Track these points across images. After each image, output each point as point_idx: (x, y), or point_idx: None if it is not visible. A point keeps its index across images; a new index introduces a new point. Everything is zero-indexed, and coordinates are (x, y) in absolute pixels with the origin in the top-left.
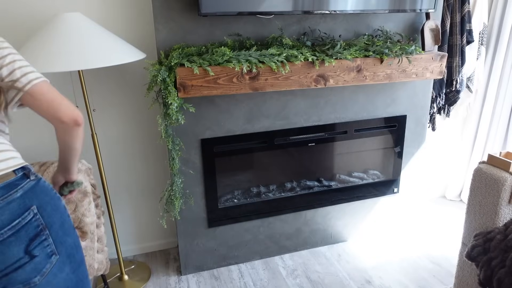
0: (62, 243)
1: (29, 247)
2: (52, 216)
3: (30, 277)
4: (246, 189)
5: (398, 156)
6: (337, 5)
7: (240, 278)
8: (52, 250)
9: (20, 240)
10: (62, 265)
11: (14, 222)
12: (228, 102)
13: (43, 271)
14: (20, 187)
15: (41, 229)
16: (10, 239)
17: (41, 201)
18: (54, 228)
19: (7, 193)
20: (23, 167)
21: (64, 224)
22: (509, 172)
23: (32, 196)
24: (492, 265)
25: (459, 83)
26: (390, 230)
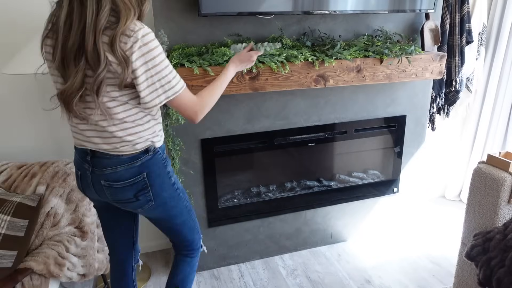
0: (158, 195)
1: (136, 194)
2: (155, 180)
3: (135, 208)
4: (246, 189)
5: (397, 156)
6: (337, 6)
7: (240, 278)
8: (150, 199)
9: (132, 189)
10: (155, 207)
11: (131, 179)
12: (228, 102)
13: (143, 207)
14: (139, 159)
15: (146, 186)
16: (127, 187)
17: (150, 170)
18: (155, 187)
19: (130, 161)
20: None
21: (163, 184)
22: (509, 172)
23: (146, 166)
24: (491, 265)
25: (459, 83)
26: (390, 230)
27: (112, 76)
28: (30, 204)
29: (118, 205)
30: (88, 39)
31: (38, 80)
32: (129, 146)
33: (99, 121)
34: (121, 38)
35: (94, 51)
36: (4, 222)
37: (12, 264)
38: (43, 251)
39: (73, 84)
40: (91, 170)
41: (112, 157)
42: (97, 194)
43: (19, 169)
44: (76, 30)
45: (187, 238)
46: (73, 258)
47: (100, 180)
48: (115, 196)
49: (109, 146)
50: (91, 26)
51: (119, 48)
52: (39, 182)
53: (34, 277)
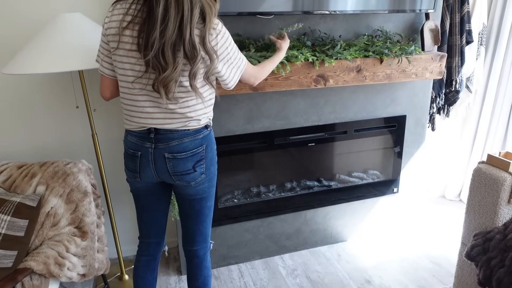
0: (209, 168)
1: (195, 165)
2: (209, 153)
3: (190, 181)
4: (246, 189)
5: (397, 156)
6: (337, 6)
7: (240, 278)
8: (203, 171)
9: (192, 160)
10: (204, 181)
11: (194, 150)
12: (228, 102)
13: (196, 180)
14: (202, 132)
15: (202, 158)
16: (189, 158)
17: (208, 143)
18: (208, 160)
19: (195, 134)
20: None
21: (212, 159)
22: (509, 172)
23: (206, 139)
24: (491, 265)
25: (459, 83)
26: (390, 230)
27: (202, 66)
28: (30, 204)
29: (175, 178)
30: (186, 31)
31: (38, 80)
32: (196, 122)
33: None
34: (209, 32)
35: (190, 43)
36: (4, 222)
37: (12, 264)
38: (43, 251)
39: (176, 71)
40: (154, 147)
41: (179, 131)
42: (155, 172)
43: (19, 169)
44: (174, 23)
45: (206, 229)
46: (73, 258)
47: (164, 154)
48: (177, 167)
49: (180, 124)
50: (188, 20)
51: (208, 42)
52: (39, 182)
53: (34, 277)
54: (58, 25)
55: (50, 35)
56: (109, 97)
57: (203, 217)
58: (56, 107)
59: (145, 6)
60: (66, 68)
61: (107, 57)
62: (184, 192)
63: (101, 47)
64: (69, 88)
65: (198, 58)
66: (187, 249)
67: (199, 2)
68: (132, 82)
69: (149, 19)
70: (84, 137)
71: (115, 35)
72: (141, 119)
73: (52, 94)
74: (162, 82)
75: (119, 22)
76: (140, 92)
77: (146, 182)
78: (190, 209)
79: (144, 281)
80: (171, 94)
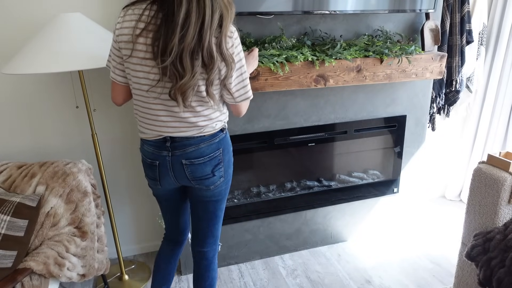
0: (226, 171)
1: (213, 169)
2: (226, 155)
3: (209, 185)
4: (246, 189)
5: (398, 156)
6: (337, 5)
7: (240, 278)
8: (222, 175)
9: (211, 164)
10: (223, 184)
11: (211, 154)
12: None
13: (215, 184)
14: (218, 136)
15: (220, 161)
16: (206, 162)
17: (224, 146)
18: (225, 163)
19: (211, 138)
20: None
21: (229, 161)
22: (509, 172)
23: (222, 142)
24: (491, 265)
25: (459, 83)
26: (390, 230)
27: (220, 73)
28: (30, 204)
29: (195, 183)
30: (205, 36)
31: (38, 80)
32: (211, 128)
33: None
34: (226, 39)
35: (208, 50)
36: (4, 222)
37: (11, 264)
38: (43, 251)
39: (194, 78)
40: (171, 155)
41: (196, 138)
42: (175, 178)
43: (19, 169)
44: (194, 28)
45: (217, 231)
46: (73, 258)
47: (181, 160)
48: (195, 173)
49: (195, 132)
50: (209, 25)
51: (225, 49)
52: (38, 182)
53: (34, 277)
54: (58, 25)
55: (50, 35)
56: (122, 103)
57: (216, 219)
58: (56, 107)
59: (160, 12)
60: (66, 68)
61: (119, 65)
62: (201, 194)
63: (112, 53)
64: (69, 88)
65: (215, 66)
66: (197, 250)
67: (219, 7)
68: (147, 91)
69: (166, 25)
70: (84, 137)
71: (127, 42)
72: (156, 127)
73: (52, 94)
74: (179, 90)
75: (131, 29)
76: (155, 101)
77: (167, 188)
78: (204, 211)
79: (160, 270)
80: (188, 102)
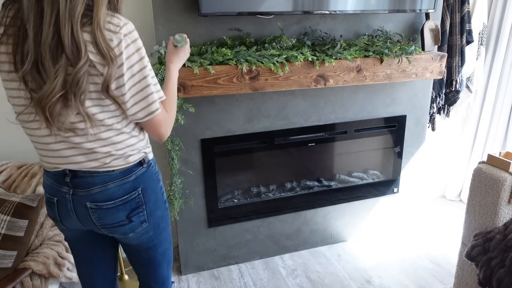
0: (152, 215)
1: (130, 215)
2: (150, 196)
3: (127, 232)
4: (246, 189)
5: (398, 156)
6: (337, 5)
7: (240, 278)
8: (144, 219)
9: (125, 209)
10: (148, 230)
11: (124, 197)
12: (228, 102)
13: (135, 231)
14: (134, 173)
15: (140, 205)
16: (119, 207)
17: (145, 185)
18: (149, 205)
19: (123, 176)
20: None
21: (157, 201)
22: (509, 172)
23: (140, 180)
24: (491, 265)
25: (459, 83)
26: (390, 230)
27: (95, 73)
28: (30, 204)
29: (105, 231)
30: (63, 28)
31: None
32: (121, 160)
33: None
34: (105, 33)
35: (73, 43)
36: (4, 222)
37: (11, 264)
38: (43, 251)
39: (55, 85)
40: (72, 193)
41: (100, 174)
42: (79, 221)
43: (19, 169)
44: (49, 20)
45: (162, 274)
46: (73, 258)
47: (85, 203)
48: (104, 219)
49: (96, 163)
50: (65, 13)
51: (103, 44)
52: (39, 182)
53: (34, 277)
54: None
55: None
56: None
57: (157, 264)
58: None
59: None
60: None
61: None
62: (125, 242)
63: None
64: None
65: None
66: None
67: None
68: (21, 113)
69: (22, 25)
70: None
71: None
72: (49, 158)
73: None
74: (38, 104)
75: None
76: (36, 125)
77: (73, 229)
78: (138, 258)
79: None
80: (59, 120)
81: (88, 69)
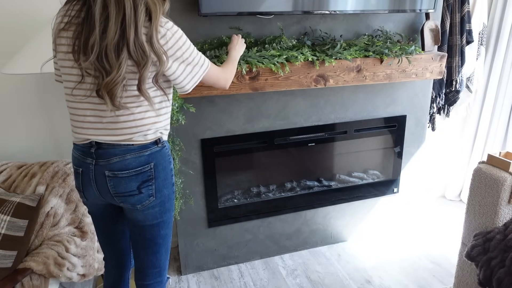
0: (160, 191)
1: (140, 186)
2: (160, 173)
3: (135, 203)
4: (246, 189)
5: (398, 156)
6: (337, 5)
7: (240, 278)
8: (151, 193)
9: (137, 180)
10: (154, 205)
11: (138, 168)
12: (228, 102)
13: (142, 203)
14: (149, 149)
15: (150, 178)
16: (132, 177)
17: (157, 162)
18: (158, 180)
19: (140, 150)
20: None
21: (166, 180)
22: (509, 172)
23: (154, 157)
24: (491, 265)
25: (459, 83)
26: (390, 230)
27: (153, 69)
28: (29, 204)
29: (118, 200)
30: (129, 30)
31: (38, 80)
32: (142, 136)
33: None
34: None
35: (136, 44)
36: (4, 222)
37: (11, 264)
38: (43, 251)
39: (120, 75)
40: (95, 163)
41: (122, 146)
42: (98, 191)
43: (19, 169)
44: (115, 21)
45: (160, 261)
46: (73, 258)
47: (104, 171)
48: (118, 187)
49: (122, 137)
50: (131, 18)
51: (156, 42)
52: (39, 182)
53: (34, 277)
54: None
55: (50, 36)
56: None
57: (156, 247)
58: (56, 107)
59: (84, 6)
60: None
61: (54, 63)
62: (132, 217)
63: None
64: None
65: (148, 61)
66: (139, 283)
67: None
68: (72, 89)
69: (87, 21)
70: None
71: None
72: (83, 129)
73: (52, 94)
74: (106, 87)
75: (58, 25)
76: (82, 100)
77: (93, 203)
78: (140, 237)
79: None
80: (117, 100)
81: None
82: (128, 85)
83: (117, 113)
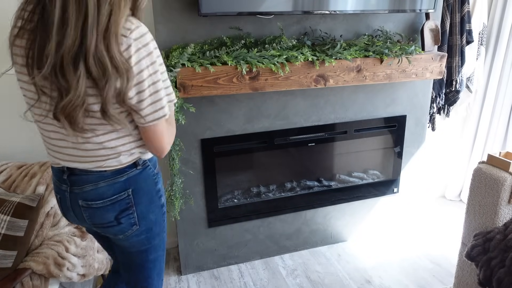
0: (144, 218)
1: (118, 216)
2: (141, 198)
3: (117, 233)
4: (246, 189)
5: (398, 156)
6: (337, 5)
7: (240, 278)
8: (135, 222)
9: (114, 209)
10: (140, 233)
11: (113, 197)
12: (228, 102)
13: (125, 233)
14: (125, 173)
15: (129, 206)
16: (108, 207)
17: (137, 186)
18: (140, 207)
19: (114, 176)
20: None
21: (151, 204)
22: (509, 172)
23: (132, 182)
24: (491, 265)
25: (459, 83)
26: (390, 230)
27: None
28: (30, 204)
29: (98, 230)
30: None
31: None
32: (115, 161)
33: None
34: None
35: (95, 57)
36: (4, 222)
37: (11, 264)
38: (43, 251)
39: (79, 95)
40: (70, 190)
41: (94, 173)
42: (77, 219)
43: (19, 169)
44: (74, 26)
45: (152, 284)
46: (72, 258)
47: (78, 201)
48: (94, 218)
49: (91, 165)
50: (95, 21)
51: (116, 53)
52: (39, 182)
53: (34, 277)
54: None
55: None
56: None
57: (147, 272)
58: None
59: (39, 6)
60: None
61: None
62: (118, 243)
63: None
64: None
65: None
66: None
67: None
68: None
69: (42, 25)
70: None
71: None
72: (52, 152)
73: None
74: (63, 111)
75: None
76: (45, 120)
77: (81, 224)
78: (128, 262)
79: None
80: (78, 125)
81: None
82: (90, 110)
83: (81, 140)
